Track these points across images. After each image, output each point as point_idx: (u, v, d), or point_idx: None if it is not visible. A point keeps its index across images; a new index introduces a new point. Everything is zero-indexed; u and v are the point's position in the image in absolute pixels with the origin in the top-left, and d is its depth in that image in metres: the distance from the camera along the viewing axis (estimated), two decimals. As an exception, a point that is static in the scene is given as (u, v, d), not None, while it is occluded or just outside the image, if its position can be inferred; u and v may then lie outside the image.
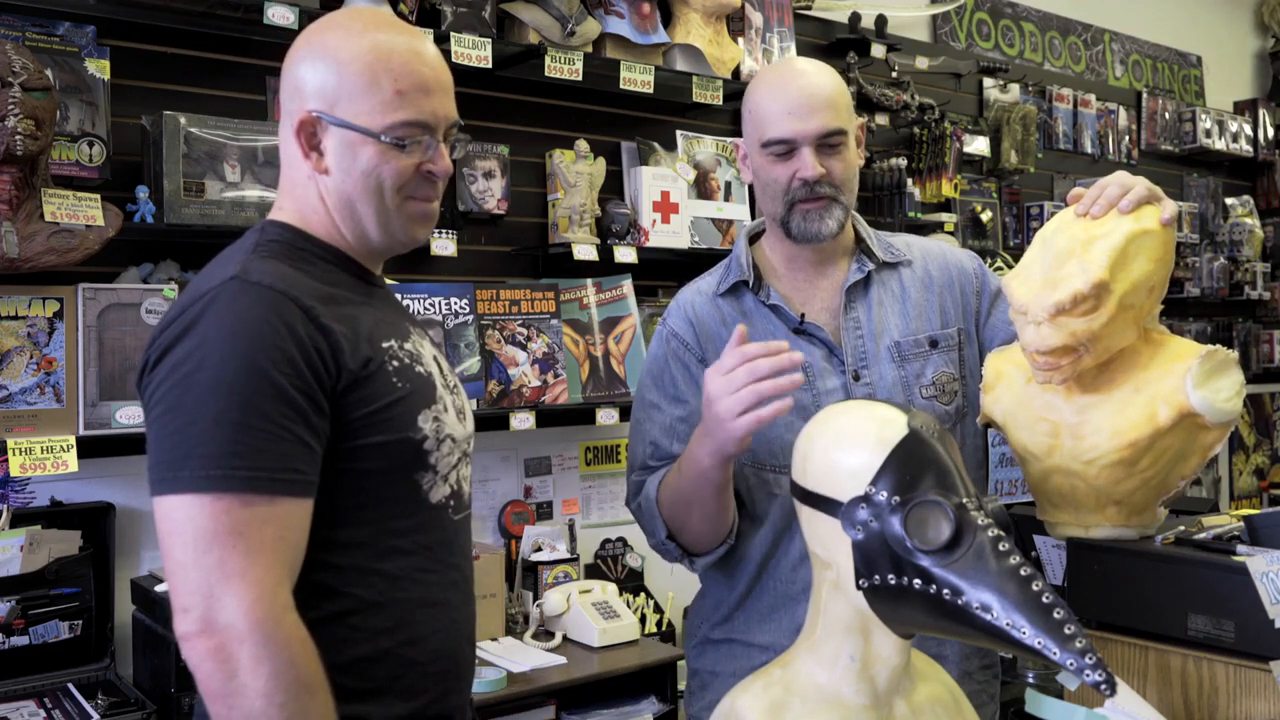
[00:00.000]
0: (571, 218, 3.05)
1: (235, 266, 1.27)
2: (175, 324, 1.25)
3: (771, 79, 1.75)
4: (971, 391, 1.79)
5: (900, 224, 3.80)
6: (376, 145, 1.32)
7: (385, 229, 1.37)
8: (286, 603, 1.18)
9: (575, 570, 2.95)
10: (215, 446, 1.17)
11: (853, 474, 1.20)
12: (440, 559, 1.37)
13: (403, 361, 1.35)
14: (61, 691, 2.19)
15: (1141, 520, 1.56)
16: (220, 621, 1.13)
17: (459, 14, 2.75)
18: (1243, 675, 1.43)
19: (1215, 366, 1.47)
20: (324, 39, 1.35)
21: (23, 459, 2.14)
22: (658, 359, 1.81)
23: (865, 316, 1.77)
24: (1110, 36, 5.08)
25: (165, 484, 1.18)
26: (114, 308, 2.31)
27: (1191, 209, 5.01)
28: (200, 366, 1.19)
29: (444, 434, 1.37)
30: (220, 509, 1.16)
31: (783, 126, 1.69)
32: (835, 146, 1.71)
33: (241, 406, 1.18)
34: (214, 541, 1.15)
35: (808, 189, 1.70)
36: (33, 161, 2.14)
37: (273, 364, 1.20)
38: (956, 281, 1.83)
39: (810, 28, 3.78)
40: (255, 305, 1.23)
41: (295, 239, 1.36)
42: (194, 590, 1.15)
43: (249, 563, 1.15)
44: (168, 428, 1.19)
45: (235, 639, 1.13)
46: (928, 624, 1.17)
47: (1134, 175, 1.51)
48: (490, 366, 2.83)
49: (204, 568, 1.15)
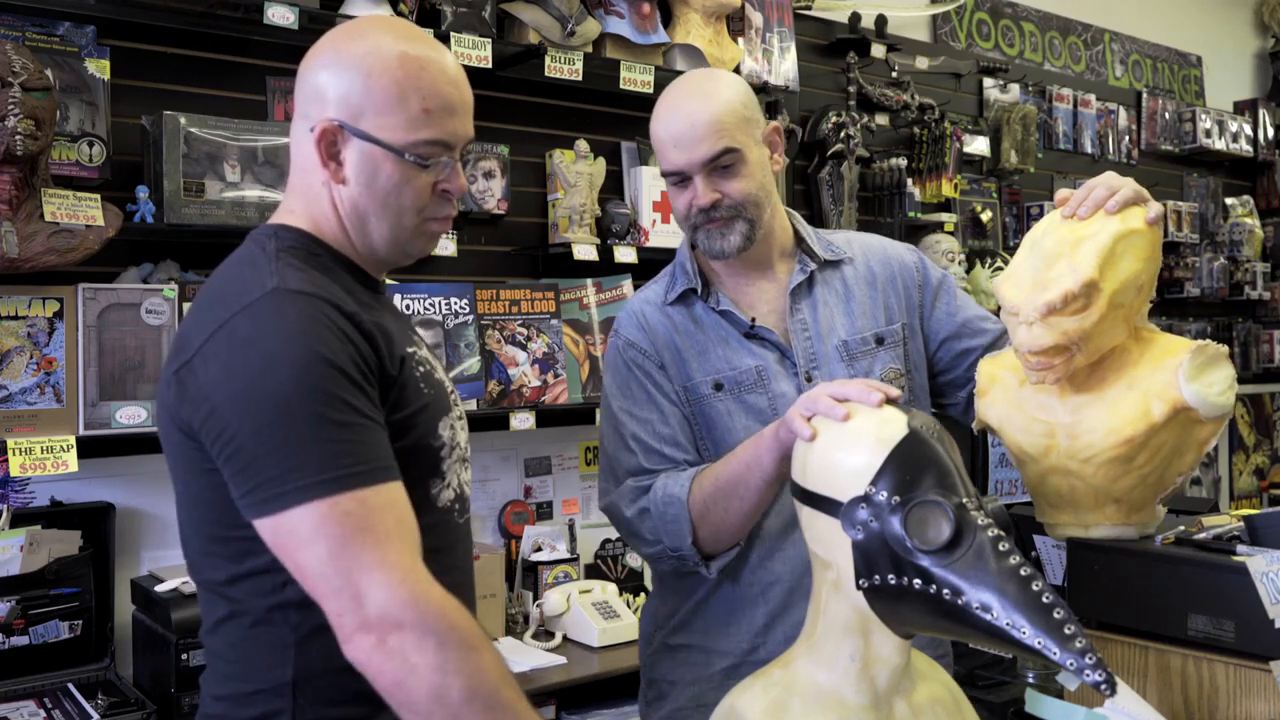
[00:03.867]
0: (571, 218, 3.05)
1: (270, 277, 1.26)
2: (218, 339, 1.22)
3: (664, 105, 1.72)
4: (918, 386, 1.80)
5: (900, 224, 3.80)
6: (399, 162, 1.32)
7: (395, 244, 1.37)
8: (427, 576, 1.19)
9: (575, 570, 2.95)
10: (320, 452, 1.17)
11: (853, 474, 1.20)
12: (444, 562, 1.37)
13: (424, 369, 1.36)
14: (61, 691, 2.19)
15: (1141, 518, 1.57)
16: (373, 615, 1.14)
17: (459, 14, 2.75)
18: (1243, 675, 1.43)
19: (1206, 361, 1.48)
20: (352, 48, 1.34)
21: (23, 459, 2.14)
22: (618, 370, 1.77)
23: (811, 317, 1.76)
24: (1110, 36, 5.08)
25: (280, 499, 1.17)
26: (114, 308, 2.31)
27: (1191, 209, 5.00)
28: (277, 381, 1.18)
29: (456, 441, 1.39)
30: (342, 511, 1.16)
31: (671, 158, 1.69)
32: (729, 167, 1.68)
33: (330, 408, 1.18)
34: (346, 543, 1.15)
35: (704, 215, 1.70)
36: (33, 161, 2.14)
37: (341, 363, 1.21)
38: (899, 276, 1.83)
39: (810, 28, 3.78)
40: (306, 312, 1.23)
41: (311, 245, 1.36)
42: (339, 593, 1.15)
43: (383, 552, 1.16)
44: (262, 448, 1.18)
45: (393, 626, 1.14)
46: (928, 624, 1.17)
47: (1121, 177, 1.52)
48: (490, 366, 2.83)
49: (343, 570, 1.15)
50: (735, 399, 1.71)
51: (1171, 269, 4.93)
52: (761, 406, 1.70)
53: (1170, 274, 4.93)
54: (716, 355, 1.74)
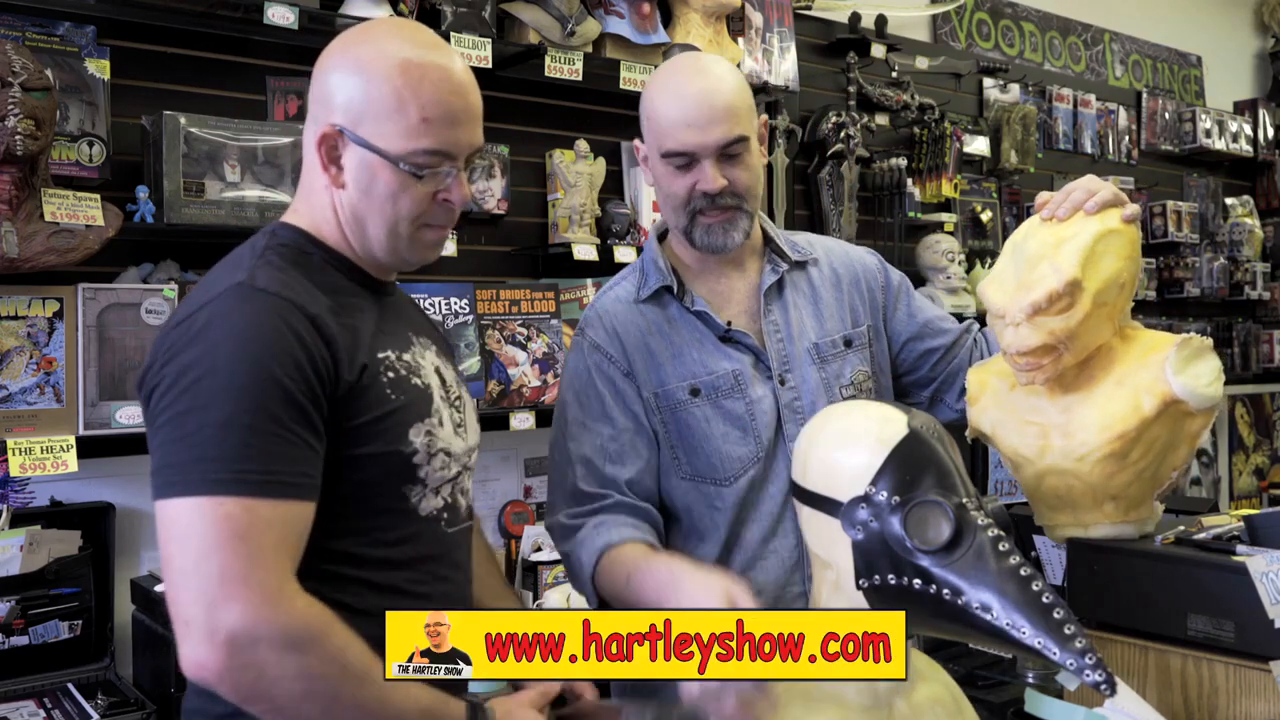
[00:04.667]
0: (571, 218, 3.05)
1: (242, 273, 1.27)
2: (180, 328, 1.24)
3: (670, 83, 1.66)
4: (883, 387, 1.80)
5: (900, 224, 3.80)
6: (395, 171, 1.31)
7: (394, 252, 1.36)
8: (294, 590, 1.17)
9: (575, 570, 2.95)
10: (223, 450, 1.16)
11: (853, 474, 1.20)
12: (431, 571, 1.37)
13: (399, 373, 1.34)
14: (61, 691, 2.19)
15: (1139, 515, 1.58)
16: (224, 630, 1.12)
17: (459, 14, 2.75)
18: (1243, 675, 1.43)
19: (1192, 353, 1.50)
20: (358, 51, 1.33)
21: (22, 459, 2.14)
22: (579, 374, 1.70)
23: (783, 319, 1.74)
24: (1110, 36, 5.08)
25: (171, 487, 1.17)
26: (114, 308, 2.31)
27: (1191, 209, 5.00)
28: (208, 372, 1.18)
29: (436, 448, 1.35)
30: (224, 513, 1.14)
31: (681, 138, 1.62)
32: (737, 155, 1.64)
33: (250, 411, 1.17)
34: (216, 547, 1.13)
35: (709, 200, 1.64)
36: (33, 161, 2.14)
37: (280, 368, 1.19)
38: (862, 278, 1.83)
39: (810, 28, 3.78)
40: (262, 311, 1.22)
41: (305, 244, 1.36)
42: (195, 600, 1.13)
43: (251, 566, 1.14)
44: (175, 433, 1.18)
45: (247, 642, 1.12)
46: (928, 624, 1.17)
47: (1099, 179, 1.55)
48: (490, 366, 2.83)
49: (205, 575, 1.13)
50: (712, 404, 1.67)
51: (1171, 269, 4.93)
52: (739, 412, 1.67)
53: (1170, 274, 4.93)
54: (691, 358, 1.69)
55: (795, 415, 1.67)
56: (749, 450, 1.66)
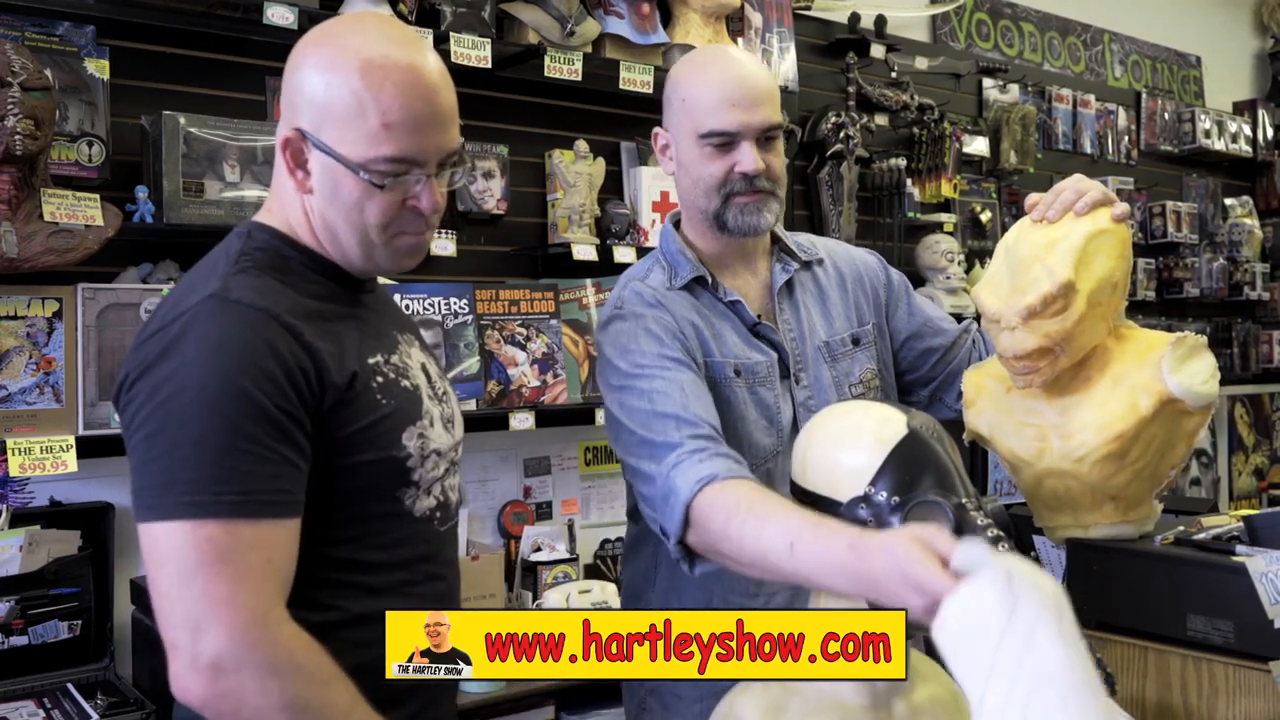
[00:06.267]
0: (571, 218, 3.05)
1: (215, 282, 1.23)
2: (152, 342, 1.21)
3: (709, 68, 1.67)
4: (888, 385, 1.82)
5: (900, 224, 3.80)
6: (356, 179, 1.25)
7: (369, 259, 1.32)
8: (280, 617, 1.16)
9: (574, 570, 2.95)
10: (199, 471, 1.14)
11: (853, 474, 1.20)
12: (424, 571, 1.36)
13: (388, 377, 1.31)
14: (61, 691, 2.19)
15: (1139, 514, 1.58)
16: (206, 655, 1.11)
17: (459, 14, 2.75)
18: (1242, 675, 1.43)
19: (1187, 352, 1.51)
20: (320, 51, 1.27)
21: (22, 459, 2.14)
22: (622, 333, 1.60)
23: (794, 318, 1.75)
24: (1110, 37, 5.08)
25: (150, 511, 1.15)
26: (113, 308, 2.31)
27: (1191, 209, 5.00)
28: (181, 389, 1.16)
29: (429, 450, 1.34)
30: (204, 536, 1.13)
31: (724, 118, 1.62)
32: (773, 140, 1.67)
33: (225, 429, 1.15)
34: (198, 570, 1.12)
35: (747, 182, 1.64)
36: (32, 161, 2.14)
37: (254, 384, 1.16)
38: (865, 277, 1.85)
39: (810, 28, 3.78)
40: (235, 324, 1.19)
41: (282, 247, 1.32)
42: (180, 624, 1.13)
43: (235, 589, 1.12)
44: (150, 453, 1.16)
45: (231, 668, 1.11)
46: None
47: (1088, 179, 1.55)
48: (490, 366, 2.83)
49: (189, 599, 1.12)
50: (749, 389, 1.67)
51: (1171, 269, 4.93)
52: (769, 402, 1.67)
53: (1170, 274, 4.93)
54: (731, 343, 1.68)
55: (809, 414, 1.66)
56: (772, 442, 1.67)
